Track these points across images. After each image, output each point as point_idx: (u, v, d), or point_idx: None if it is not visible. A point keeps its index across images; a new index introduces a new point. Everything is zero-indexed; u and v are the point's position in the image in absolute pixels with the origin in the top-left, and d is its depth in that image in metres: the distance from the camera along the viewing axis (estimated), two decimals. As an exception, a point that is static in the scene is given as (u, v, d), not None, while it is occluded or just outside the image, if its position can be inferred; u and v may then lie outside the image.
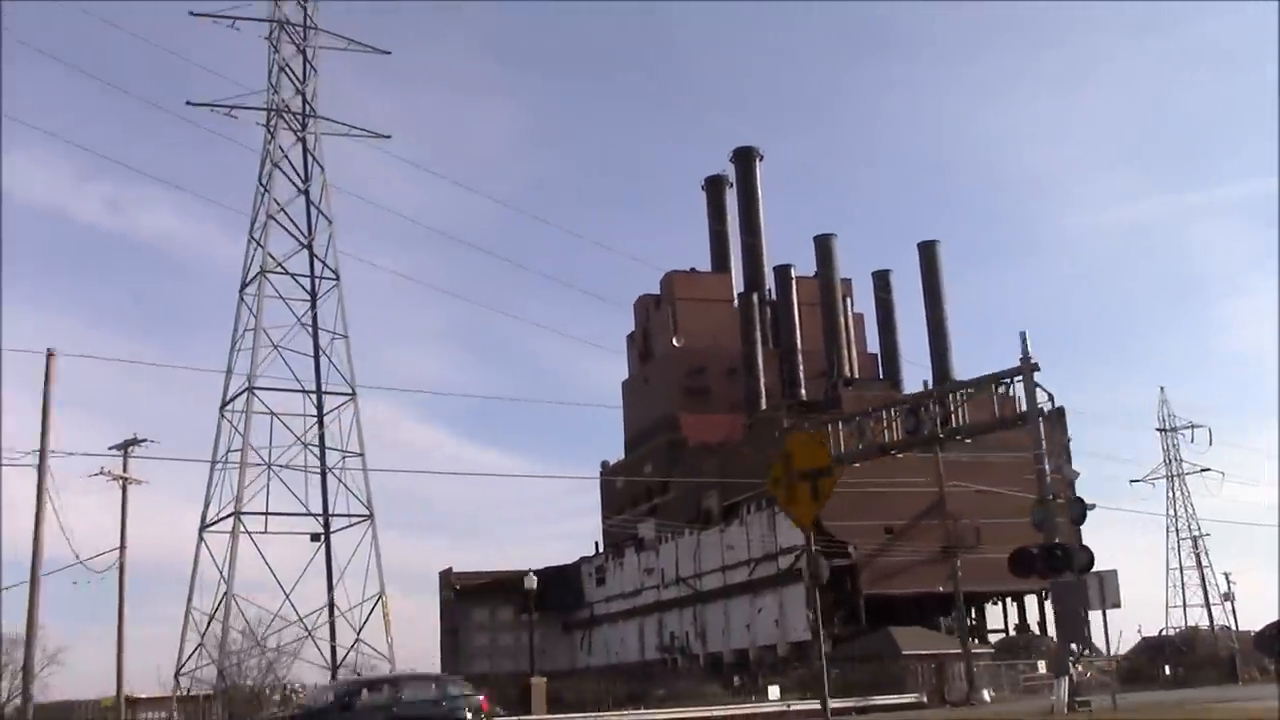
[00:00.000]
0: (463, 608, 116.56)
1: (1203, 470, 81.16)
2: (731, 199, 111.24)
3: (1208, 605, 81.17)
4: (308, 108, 60.05)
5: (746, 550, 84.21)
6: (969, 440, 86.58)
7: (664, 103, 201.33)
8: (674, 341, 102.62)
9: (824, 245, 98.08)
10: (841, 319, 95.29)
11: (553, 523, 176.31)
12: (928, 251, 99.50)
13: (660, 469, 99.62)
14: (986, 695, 49.65)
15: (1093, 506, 31.20)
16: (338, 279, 58.45)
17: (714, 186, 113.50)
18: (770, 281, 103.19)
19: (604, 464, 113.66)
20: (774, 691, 48.31)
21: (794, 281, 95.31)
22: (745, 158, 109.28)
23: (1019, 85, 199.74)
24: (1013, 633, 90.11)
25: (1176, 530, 79.67)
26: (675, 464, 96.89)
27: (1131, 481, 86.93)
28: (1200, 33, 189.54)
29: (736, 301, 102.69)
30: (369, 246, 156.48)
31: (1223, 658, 77.51)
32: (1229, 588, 79.72)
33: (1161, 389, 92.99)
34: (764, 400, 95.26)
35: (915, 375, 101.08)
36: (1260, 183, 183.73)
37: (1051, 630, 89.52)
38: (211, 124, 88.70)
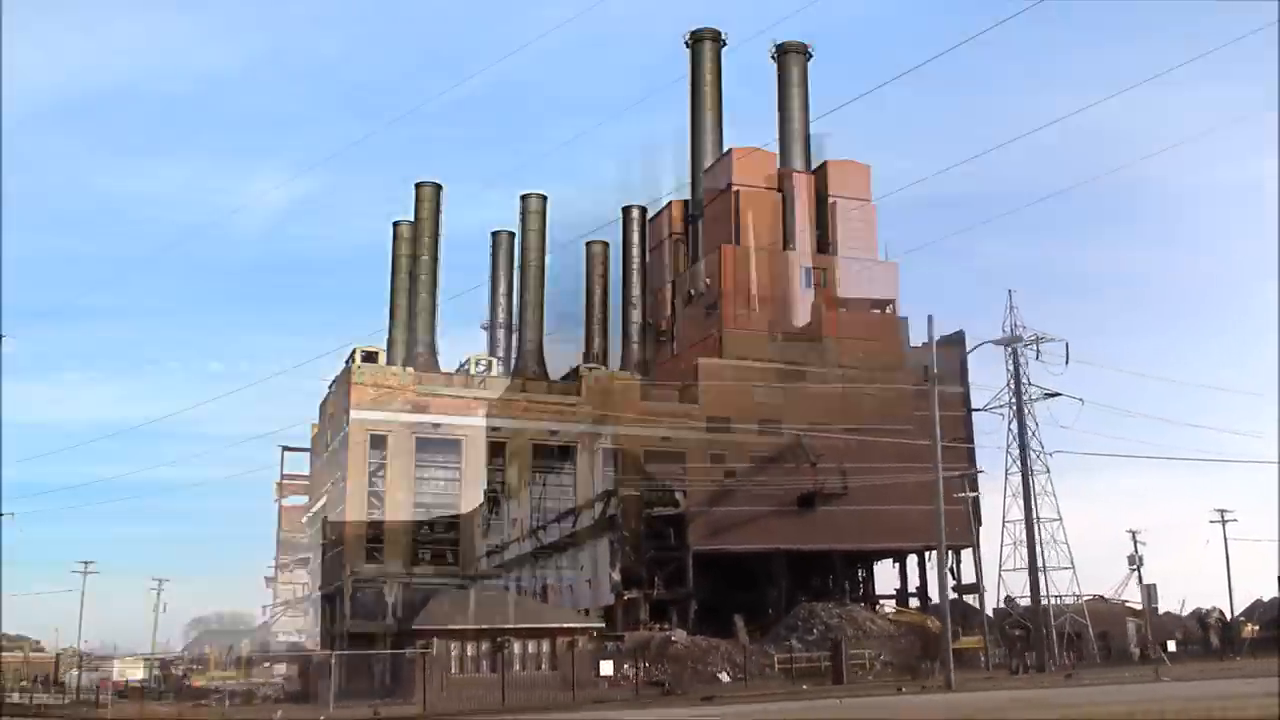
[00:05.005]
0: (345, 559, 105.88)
1: (1048, 395, 58.78)
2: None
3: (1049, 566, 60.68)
4: None
5: (574, 496, 72.43)
6: (841, 369, 73.78)
7: None
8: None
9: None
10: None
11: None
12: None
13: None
14: None
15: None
16: None
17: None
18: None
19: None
20: None
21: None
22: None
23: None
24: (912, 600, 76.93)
25: (1023, 472, 60.31)
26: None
27: (970, 410, 65.84)
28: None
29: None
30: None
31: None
32: (1136, 549, 64.57)
33: (1010, 292, 62.81)
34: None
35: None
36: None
37: (936, 595, 75.62)
38: None
